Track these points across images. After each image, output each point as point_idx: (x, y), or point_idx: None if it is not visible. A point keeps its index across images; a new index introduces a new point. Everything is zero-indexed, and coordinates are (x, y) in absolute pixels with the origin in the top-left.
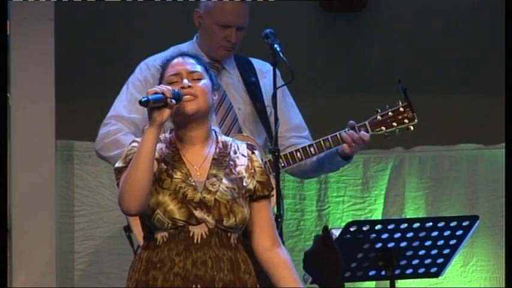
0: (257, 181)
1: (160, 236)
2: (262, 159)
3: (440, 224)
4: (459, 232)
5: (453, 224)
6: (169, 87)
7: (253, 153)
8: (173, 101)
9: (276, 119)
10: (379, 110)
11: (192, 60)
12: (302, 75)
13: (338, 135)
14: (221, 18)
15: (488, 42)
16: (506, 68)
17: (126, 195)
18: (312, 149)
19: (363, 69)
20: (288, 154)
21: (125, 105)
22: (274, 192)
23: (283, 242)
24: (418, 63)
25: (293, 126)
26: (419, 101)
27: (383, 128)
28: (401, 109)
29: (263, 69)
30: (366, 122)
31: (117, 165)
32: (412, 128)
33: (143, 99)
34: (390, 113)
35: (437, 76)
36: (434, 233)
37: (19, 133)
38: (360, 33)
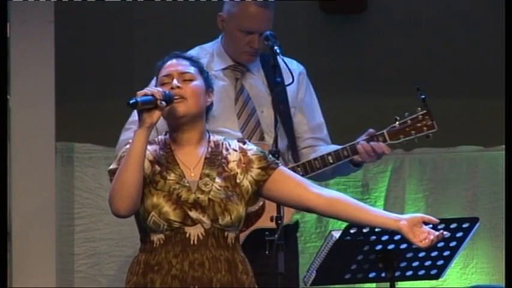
0: (258, 168)
1: (157, 238)
2: (257, 148)
3: (440, 226)
4: (459, 234)
5: (453, 226)
6: (160, 89)
7: (244, 144)
8: (163, 102)
9: (276, 121)
10: (398, 118)
11: (185, 62)
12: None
13: (358, 145)
14: (244, 24)
15: (488, 44)
16: (506, 70)
17: (116, 197)
18: (330, 158)
19: (362, 71)
20: (307, 163)
21: None
22: (281, 162)
23: (283, 244)
24: (418, 66)
25: (310, 127)
26: (419, 103)
27: (401, 136)
28: (420, 117)
29: (291, 68)
30: (384, 131)
31: (110, 166)
32: (431, 135)
33: (131, 101)
34: (409, 121)
35: (437, 78)
36: None
37: (19, 135)
38: (360, 35)
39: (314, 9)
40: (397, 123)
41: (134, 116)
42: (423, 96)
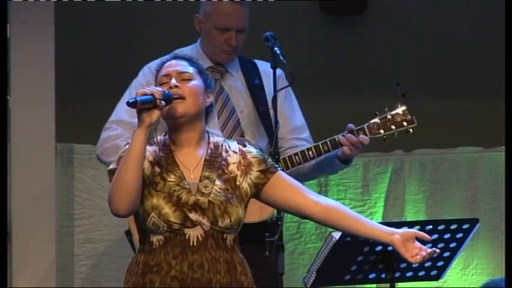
0: (257, 171)
1: (156, 239)
2: (257, 150)
3: (441, 227)
4: (459, 235)
5: (453, 227)
6: (160, 89)
7: (244, 146)
8: (162, 102)
9: (276, 122)
10: (378, 113)
11: (184, 62)
12: (302, 77)
13: (336, 139)
14: (219, 22)
15: (488, 45)
16: (506, 71)
17: (115, 196)
18: (310, 153)
19: (362, 72)
20: (287, 158)
21: (127, 109)
22: (280, 166)
23: (283, 245)
24: (418, 66)
25: (293, 128)
26: (419, 104)
27: (381, 131)
28: (400, 112)
29: (267, 71)
30: (365, 126)
31: (110, 167)
32: (411, 130)
33: (130, 101)
34: (389, 116)
35: (437, 79)
36: (435, 236)
37: (19, 136)
38: (360, 36)
39: (314, 9)
40: (377, 118)
41: (115, 115)
42: (402, 91)
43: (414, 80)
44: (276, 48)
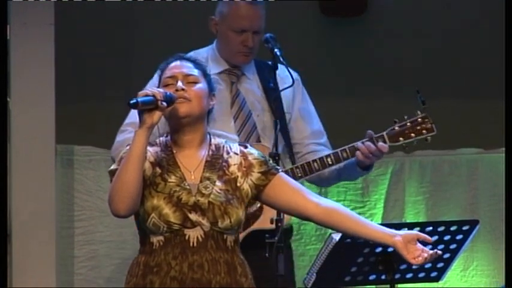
0: (258, 172)
1: (156, 240)
2: (258, 152)
3: (441, 229)
4: (459, 236)
5: (453, 228)
6: (161, 90)
7: (246, 148)
8: (164, 103)
9: (276, 124)
10: (397, 121)
11: (189, 64)
12: (302, 79)
13: (356, 146)
14: (235, 24)
15: (488, 46)
16: (506, 72)
17: (115, 197)
18: (329, 160)
19: (363, 73)
20: (305, 164)
21: None
22: (281, 168)
23: (282, 246)
24: (418, 67)
25: (311, 133)
26: (419, 105)
27: (401, 138)
28: (419, 119)
29: (283, 74)
30: (384, 133)
31: (111, 167)
32: (429, 139)
33: (131, 101)
34: (408, 124)
35: (437, 80)
36: (435, 238)
37: (19, 138)
38: (360, 37)
39: (314, 11)
40: (397, 125)
41: (130, 118)
42: (423, 99)
43: (414, 81)
44: (276, 50)
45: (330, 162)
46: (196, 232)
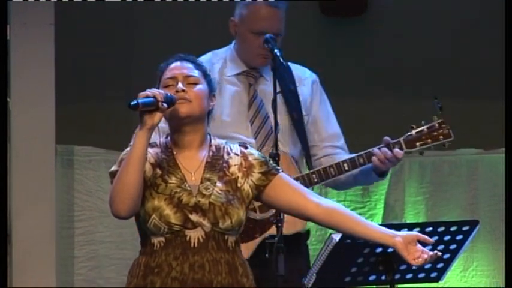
0: (259, 173)
1: (157, 241)
2: (258, 152)
3: (441, 229)
4: (459, 237)
5: (453, 228)
6: (162, 91)
7: (246, 148)
8: (165, 104)
9: (276, 124)
10: (414, 126)
11: (189, 65)
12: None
13: (372, 152)
14: (255, 26)
15: (488, 46)
16: (506, 73)
17: (116, 198)
18: (345, 165)
19: (363, 73)
20: (322, 170)
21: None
22: (281, 168)
23: (282, 246)
24: (418, 68)
25: (328, 136)
26: (418, 106)
27: (418, 144)
28: (437, 125)
29: (302, 76)
30: (401, 139)
31: (111, 169)
32: (447, 144)
33: (132, 103)
34: (425, 130)
35: (437, 80)
36: (435, 238)
37: (19, 138)
38: (360, 37)
39: (314, 11)
40: (414, 131)
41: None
42: (440, 105)
43: (414, 81)
44: (276, 50)
45: (347, 168)
46: (197, 233)
